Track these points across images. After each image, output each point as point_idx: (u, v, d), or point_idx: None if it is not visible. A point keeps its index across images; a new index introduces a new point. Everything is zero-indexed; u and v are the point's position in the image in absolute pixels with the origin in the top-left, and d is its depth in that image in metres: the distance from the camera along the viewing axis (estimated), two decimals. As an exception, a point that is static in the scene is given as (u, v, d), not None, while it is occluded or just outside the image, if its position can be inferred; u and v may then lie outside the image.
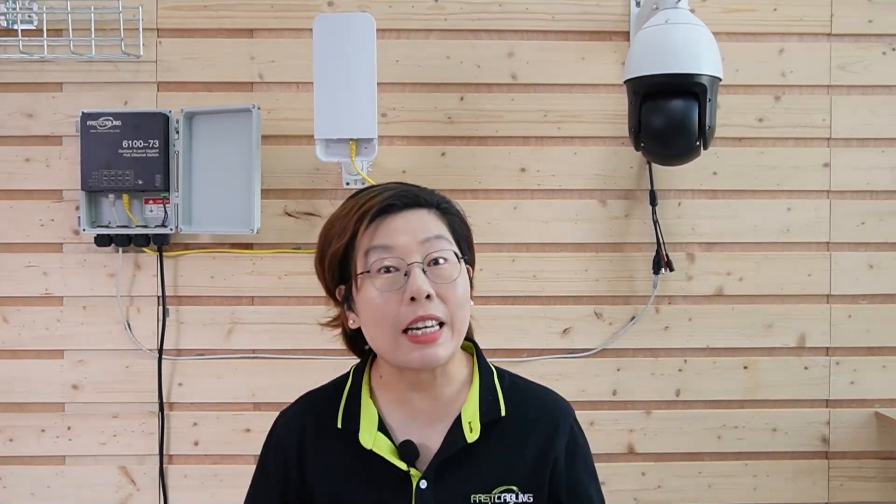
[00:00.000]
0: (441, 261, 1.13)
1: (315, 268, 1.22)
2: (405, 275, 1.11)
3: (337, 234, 1.16)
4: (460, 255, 1.16)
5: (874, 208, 2.26)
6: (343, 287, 1.18)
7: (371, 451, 1.16)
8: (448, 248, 1.15)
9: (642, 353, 2.25)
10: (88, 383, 2.22)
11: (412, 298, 1.10)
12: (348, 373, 1.26)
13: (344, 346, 1.28)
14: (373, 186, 1.21)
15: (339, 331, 1.26)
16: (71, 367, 2.22)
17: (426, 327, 1.11)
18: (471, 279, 1.22)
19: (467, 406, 1.19)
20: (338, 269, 1.17)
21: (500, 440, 1.19)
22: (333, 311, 1.24)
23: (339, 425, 1.20)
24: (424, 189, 1.21)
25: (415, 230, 1.14)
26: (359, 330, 1.19)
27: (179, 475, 2.22)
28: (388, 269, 1.12)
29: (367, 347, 1.23)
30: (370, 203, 1.14)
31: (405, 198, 1.16)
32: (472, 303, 1.21)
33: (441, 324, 1.12)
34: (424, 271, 1.12)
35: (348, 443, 1.18)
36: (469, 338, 1.26)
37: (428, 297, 1.10)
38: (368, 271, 1.13)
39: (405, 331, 1.11)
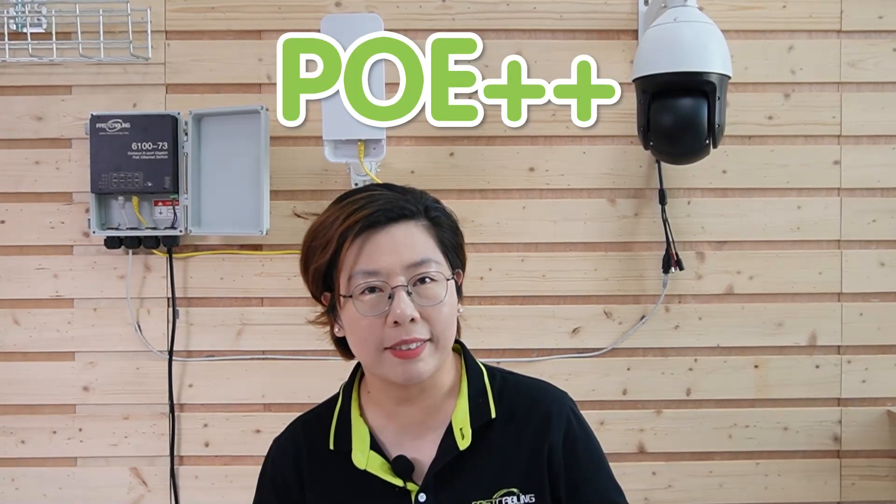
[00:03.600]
0: (427, 280, 1.10)
1: (300, 272, 1.19)
2: (389, 297, 1.09)
3: (320, 246, 1.13)
4: (448, 276, 1.13)
5: (885, 206, 2.24)
6: (329, 294, 1.15)
7: (365, 470, 1.14)
8: (435, 268, 1.11)
9: (652, 353, 2.25)
10: (99, 385, 2.22)
11: (395, 322, 1.08)
12: (338, 392, 1.25)
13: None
14: (357, 191, 1.16)
15: (327, 328, 1.21)
16: (82, 368, 2.22)
17: (409, 346, 1.09)
18: (459, 284, 1.19)
19: (457, 412, 1.17)
20: (322, 282, 1.15)
21: (495, 442, 1.16)
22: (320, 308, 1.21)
23: (332, 447, 1.18)
24: (412, 193, 1.16)
25: (400, 250, 1.10)
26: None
27: (190, 476, 2.23)
28: (372, 289, 1.10)
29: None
30: (353, 218, 1.10)
31: (390, 212, 1.11)
32: (461, 308, 1.19)
33: (426, 340, 1.10)
34: (409, 292, 1.09)
35: (342, 464, 1.17)
36: (455, 338, 1.23)
37: (412, 320, 1.08)
38: (351, 295, 1.11)
39: (388, 347, 1.10)
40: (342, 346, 1.21)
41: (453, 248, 1.17)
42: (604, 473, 1.22)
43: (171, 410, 2.21)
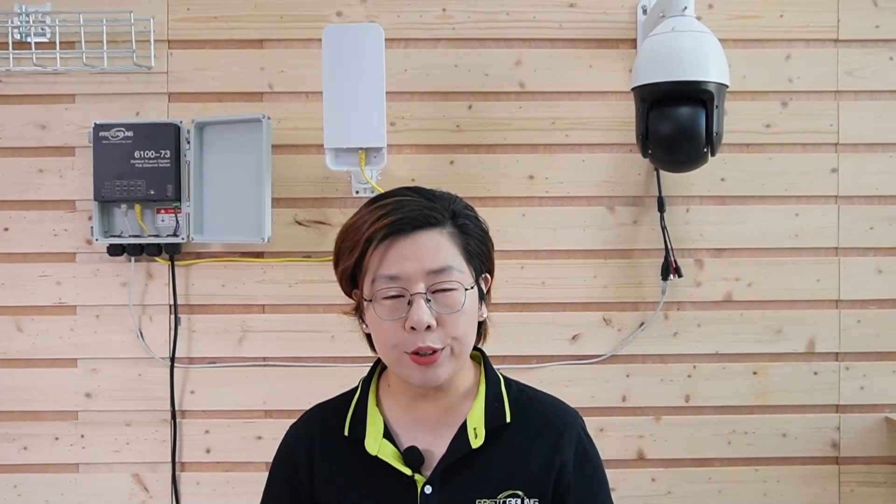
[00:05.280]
0: (448, 289, 1.13)
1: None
2: (408, 303, 1.12)
3: (348, 248, 1.16)
4: (469, 285, 1.15)
5: (883, 213, 2.26)
6: (358, 292, 1.19)
7: (377, 457, 1.18)
8: (456, 277, 1.14)
9: (651, 359, 2.26)
10: (101, 391, 2.23)
11: (413, 328, 1.11)
12: (357, 385, 1.29)
13: (351, 354, 1.30)
14: (389, 195, 1.18)
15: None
16: (84, 375, 2.23)
17: (426, 353, 1.13)
18: (488, 289, 1.24)
19: (473, 413, 1.20)
20: (349, 282, 1.19)
21: (506, 446, 1.20)
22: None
23: (346, 433, 1.22)
24: (441, 199, 1.18)
25: (423, 257, 1.12)
26: None
27: (192, 482, 2.24)
28: (393, 295, 1.13)
29: None
30: (380, 223, 1.13)
31: (416, 220, 1.13)
32: (485, 314, 1.23)
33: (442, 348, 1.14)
34: (429, 299, 1.12)
35: (355, 450, 1.21)
36: (477, 347, 1.28)
37: (428, 327, 1.11)
38: (372, 299, 1.14)
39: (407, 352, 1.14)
40: (371, 340, 1.25)
41: (479, 256, 1.19)
42: (605, 493, 1.26)
43: (173, 417, 2.22)
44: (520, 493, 1.18)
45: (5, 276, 2.23)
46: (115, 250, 2.18)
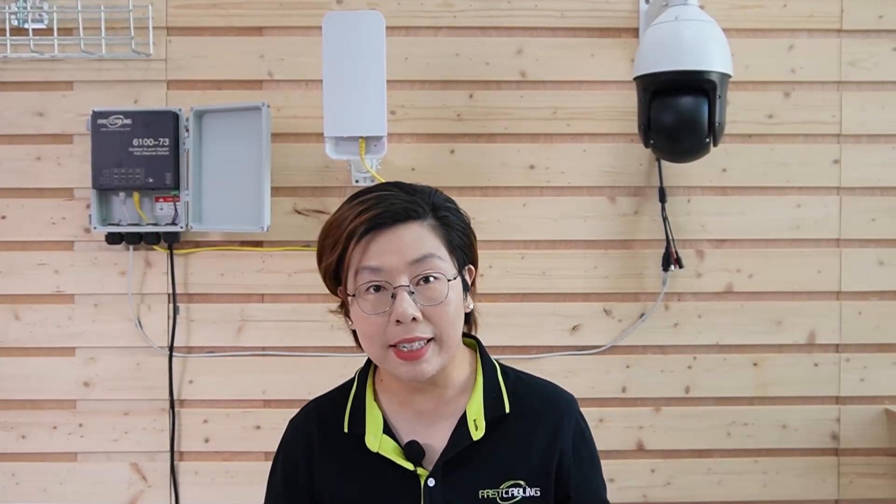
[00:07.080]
0: (431, 279, 1.13)
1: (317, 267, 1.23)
2: (392, 296, 1.11)
3: (329, 246, 1.16)
4: (452, 276, 1.14)
5: (884, 205, 2.25)
6: (342, 289, 1.19)
7: (377, 453, 1.18)
8: (438, 266, 1.13)
9: (652, 350, 2.25)
10: (100, 380, 2.23)
11: (398, 321, 1.11)
12: (353, 378, 1.28)
13: (351, 344, 1.29)
14: (369, 190, 1.18)
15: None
16: (82, 364, 2.23)
17: (412, 346, 1.12)
18: (473, 280, 1.23)
19: (472, 404, 1.20)
20: (332, 279, 1.19)
21: (506, 436, 1.20)
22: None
23: (346, 429, 1.22)
24: (421, 193, 1.18)
25: (404, 249, 1.12)
26: None
27: (190, 472, 2.23)
28: (377, 288, 1.12)
29: None
30: (361, 218, 1.13)
31: (397, 213, 1.13)
32: (471, 305, 1.22)
33: (430, 339, 1.13)
34: (412, 292, 1.11)
35: (355, 446, 1.20)
36: (470, 334, 1.28)
37: (414, 319, 1.11)
38: (356, 294, 1.14)
39: (393, 345, 1.13)
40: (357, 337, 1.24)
41: (462, 248, 1.19)
42: (599, 474, 1.27)
43: (172, 406, 2.22)
44: (522, 482, 1.18)
45: (3, 265, 2.22)
46: (113, 239, 2.17)
